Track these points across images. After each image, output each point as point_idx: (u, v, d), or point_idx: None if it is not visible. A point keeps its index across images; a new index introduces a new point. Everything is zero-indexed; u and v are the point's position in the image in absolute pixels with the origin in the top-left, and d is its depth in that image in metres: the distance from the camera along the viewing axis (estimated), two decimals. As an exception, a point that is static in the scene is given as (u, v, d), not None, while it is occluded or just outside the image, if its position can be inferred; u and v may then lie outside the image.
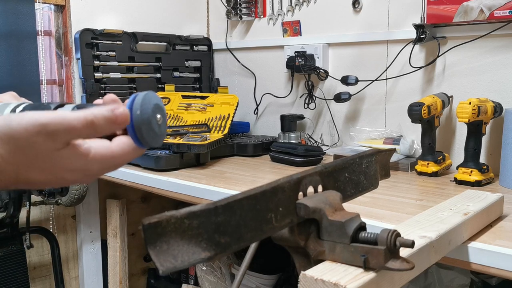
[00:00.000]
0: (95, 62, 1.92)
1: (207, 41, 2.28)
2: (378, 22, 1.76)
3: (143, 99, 0.51)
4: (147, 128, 0.51)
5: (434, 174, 1.44)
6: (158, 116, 0.52)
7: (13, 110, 0.55)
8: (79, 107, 0.54)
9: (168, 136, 1.72)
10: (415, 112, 1.40)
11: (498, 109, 1.39)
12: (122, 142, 0.53)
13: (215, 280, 1.99)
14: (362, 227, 0.59)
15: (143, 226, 0.47)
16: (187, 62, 2.21)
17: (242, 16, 2.15)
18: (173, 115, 1.94)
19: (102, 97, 0.66)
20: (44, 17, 1.86)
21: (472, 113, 1.29)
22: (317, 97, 1.95)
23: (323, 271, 0.57)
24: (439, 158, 1.45)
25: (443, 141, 1.61)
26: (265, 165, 1.71)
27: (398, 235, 0.57)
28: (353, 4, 1.82)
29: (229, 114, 1.89)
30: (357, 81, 1.76)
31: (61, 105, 0.55)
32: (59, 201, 1.83)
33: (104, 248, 2.08)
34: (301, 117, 1.95)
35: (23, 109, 0.54)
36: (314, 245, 0.61)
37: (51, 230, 1.92)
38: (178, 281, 2.21)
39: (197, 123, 1.88)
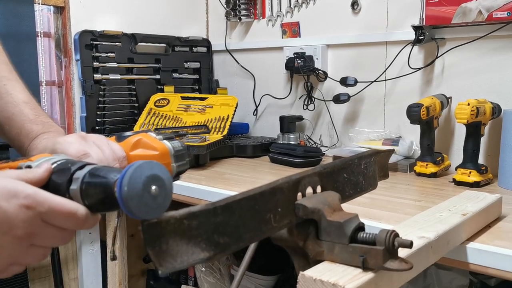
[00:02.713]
0: (94, 63, 1.92)
1: (206, 43, 2.28)
2: (377, 23, 1.77)
3: (133, 172, 0.49)
4: (137, 202, 0.49)
5: (433, 175, 1.44)
6: (153, 187, 0.50)
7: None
8: (91, 173, 0.54)
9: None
10: (414, 113, 1.41)
11: (496, 110, 1.39)
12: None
13: (215, 281, 1.99)
14: (361, 227, 0.59)
15: (142, 227, 0.47)
16: (187, 63, 2.21)
17: (241, 17, 2.15)
18: (173, 116, 1.95)
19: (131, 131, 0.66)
20: (43, 18, 1.86)
21: (471, 114, 1.30)
22: (316, 98, 1.95)
23: (322, 271, 0.57)
24: (438, 159, 1.45)
25: (442, 142, 1.61)
26: (264, 166, 1.71)
27: (397, 235, 0.57)
28: (352, 5, 1.83)
29: (228, 115, 1.89)
30: (356, 82, 1.76)
31: (81, 167, 0.55)
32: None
33: (104, 249, 2.08)
34: (300, 118, 1.95)
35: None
36: (313, 246, 0.61)
37: (50, 231, 1.91)
38: (177, 282, 2.21)
39: (196, 124, 1.88)
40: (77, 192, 0.53)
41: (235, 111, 1.91)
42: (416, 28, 1.58)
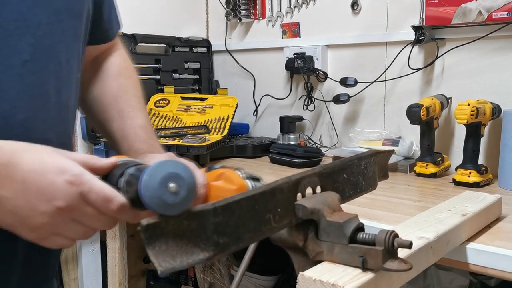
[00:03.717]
0: (94, 63, 1.92)
1: (206, 43, 2.28)
2: (377, 24, 1.77)
3: (155, 166, 0.52)
4: (152, 195, 0.51)
5: (433, 176, 1.44)
6: (171, 184, 0.51)
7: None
8: (138, 168, 0.57)
9: (167, 138, 1.72)
10: (414, 113, 1.41)
11: (496, 110, 1.39)
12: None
13: (214, 282, 1.99)
14: (360, 228, 0.59)
15: (142, 227, 0.47)
16: (187, 64, 2.21)
17: (241, 17, 2.15)
18: (173, 116, 1.95)
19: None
20: (43, 18, 1.86)
21: (471, 115, 1.30)
22: (316, 99, 1.95)
23: (322, 271, 0.57)
24: (437, 160, 1.45)
25: (442, 143, 1.61)
26: (264, 167, 1.71)
27: (396, 235, 0.57)
28: (352, 5, 1.83)
29: (228, 116, 1.89)
30: (356, 82, 1.76)
31: (136, 165, 0.58)
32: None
33: (104, 249, 2.08)
34: (300, 118, 1.95)
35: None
36: (313, 246, 0.61)
37: (50, 232, 1.91)
38: (177, 283, 2.21)
39: (196, 124, 1.88)
40: (123, 184, 0.56)
41: (235, 111, 1.91)
42: (416, 29, 1.58)
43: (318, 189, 0.66)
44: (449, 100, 1.58)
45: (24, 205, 0.53)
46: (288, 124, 1.92)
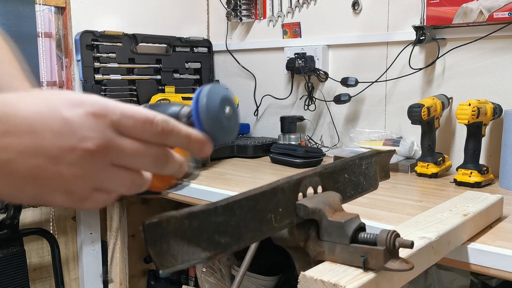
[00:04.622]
0: (95, 63, 1.92)
1: (207, 43, 2.28)
2: (378, 24, 1.76)
3: (209, 91, 0.48)
4: (215, 122, 0.48)
5: (434, 176, 1.44)
6: (227, 109, 0.49)
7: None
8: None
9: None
10: (415, 113, 1.40)
11: (497, 110, 1.39)
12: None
13: (215, 282, 1.98)
14: (362, 227, 0.59)
15: (143, 226, 0.47)
16: (187, 64, 2.21)
17: (242, 17, 2.15)
18: (173, 116, 1.95)
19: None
20: (44, 19, 1.86)
21: (472, 115, 1.30)
22: (317, 99, 1.95)
23: (323, 271, 0.57)
24: (438, 160, 1.45)
25: (443, 143, 1.61)
26: (265, 167, 1.71)
27: (398, 235, 0.57)
28: (353, 5, 1.83)
29: (229, 116, 1.89)
30: (357, 82, 1.76)
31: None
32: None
33: (104, 249, 2.08)
34: (301, 118, 1.95)
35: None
36: (314, 246, 0.61)
37: (51, 232, 1.92)
38: (178, 283, 2.21)
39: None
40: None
41: (236, 111, 1.91)
42: (417, 29, 1.58)
43: (320, 189, 0.66)
44: (450, 100, 1.57)
45: (44, 163, 0.40)
46: (289, 124, 1.92)
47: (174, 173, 0.46)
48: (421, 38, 1.58)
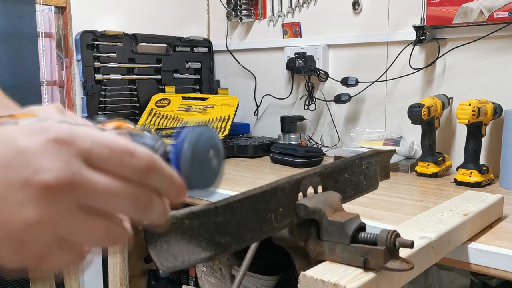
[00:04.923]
0: (95, 63, 1.92)
1: (207, 43, 2.28)
2: (378, 24, 1.76)
3: (200, 134, 0.44)
4: (196, 167, 0.43)
5: (434, 175, 1.44)
6: (213, 157, 0.44)
7: None
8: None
9: (168, 138, 1.72)
10: (415, 113, 1.40)
11: (498, 110, 1.39)
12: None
13: (215, 281, 1.98)
14: (362, 227, 0.59)
15: (143, 226, 0.47)
16: (188, 64, 2.21)
17: (242, 17, 2.15)
18: (174, 116, 1.95)
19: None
20: (44, 18, 1.86)
21: (472, 114, 1.30)
22: (317, 99, 1.95)
23: (323, 271, 0.57)
24: (439, 159, 1.45)
25: (443, 142, 1.61)
26: (265, 166, 1.71)
27: (398, 235, 0.57)
28: (353, 5, 1.83)
29: (229, 116, 1.89)
30: (357, 82, 1.76)
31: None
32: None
33: (105, 249, 2.08)
34: (301, 118, 1.95)
35: None
36: (314, 246, 0.61)
37: (51, 231, 1.91)
38: (178, 283, 2.21)
39: (197, 124, 1.88)
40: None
41: (236, 111, 1.91)
42: (417, 28, 1.58)
43: (320, 188, 0.66)
44: (450, 100, 1.57)
45: None
46: (289, 124, 1.92)
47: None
48: (421, 38, 1.58)
